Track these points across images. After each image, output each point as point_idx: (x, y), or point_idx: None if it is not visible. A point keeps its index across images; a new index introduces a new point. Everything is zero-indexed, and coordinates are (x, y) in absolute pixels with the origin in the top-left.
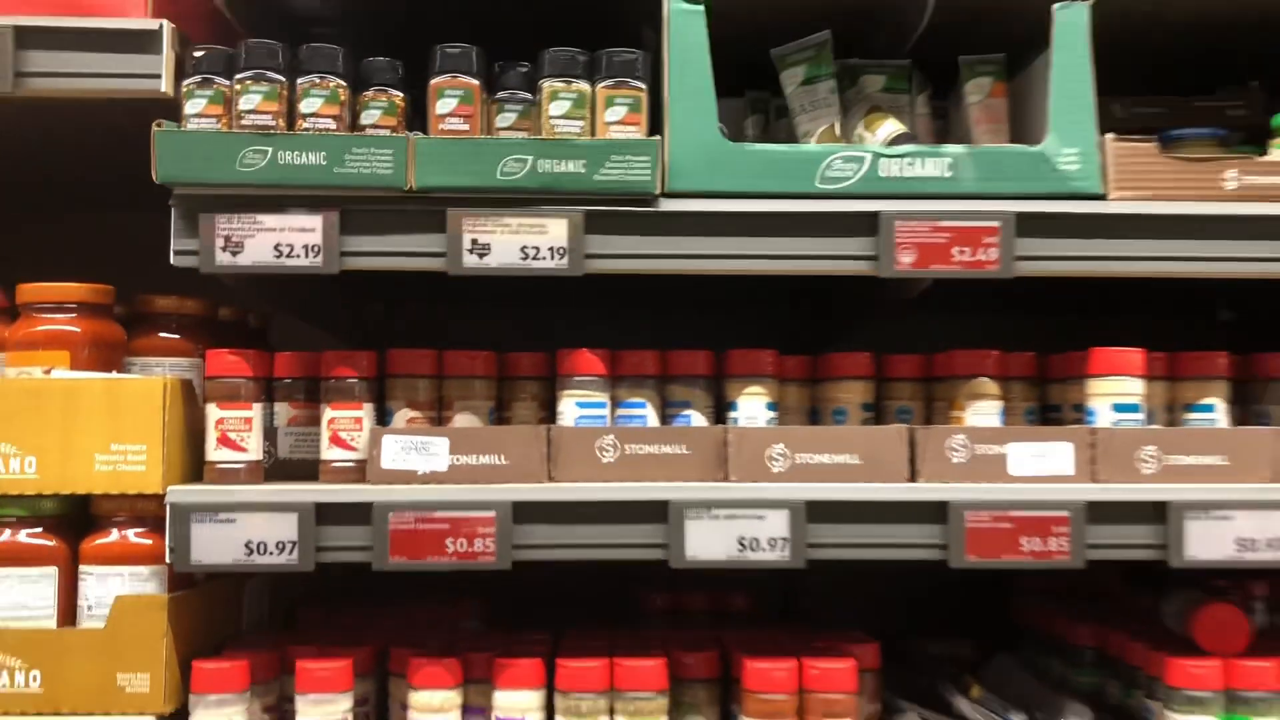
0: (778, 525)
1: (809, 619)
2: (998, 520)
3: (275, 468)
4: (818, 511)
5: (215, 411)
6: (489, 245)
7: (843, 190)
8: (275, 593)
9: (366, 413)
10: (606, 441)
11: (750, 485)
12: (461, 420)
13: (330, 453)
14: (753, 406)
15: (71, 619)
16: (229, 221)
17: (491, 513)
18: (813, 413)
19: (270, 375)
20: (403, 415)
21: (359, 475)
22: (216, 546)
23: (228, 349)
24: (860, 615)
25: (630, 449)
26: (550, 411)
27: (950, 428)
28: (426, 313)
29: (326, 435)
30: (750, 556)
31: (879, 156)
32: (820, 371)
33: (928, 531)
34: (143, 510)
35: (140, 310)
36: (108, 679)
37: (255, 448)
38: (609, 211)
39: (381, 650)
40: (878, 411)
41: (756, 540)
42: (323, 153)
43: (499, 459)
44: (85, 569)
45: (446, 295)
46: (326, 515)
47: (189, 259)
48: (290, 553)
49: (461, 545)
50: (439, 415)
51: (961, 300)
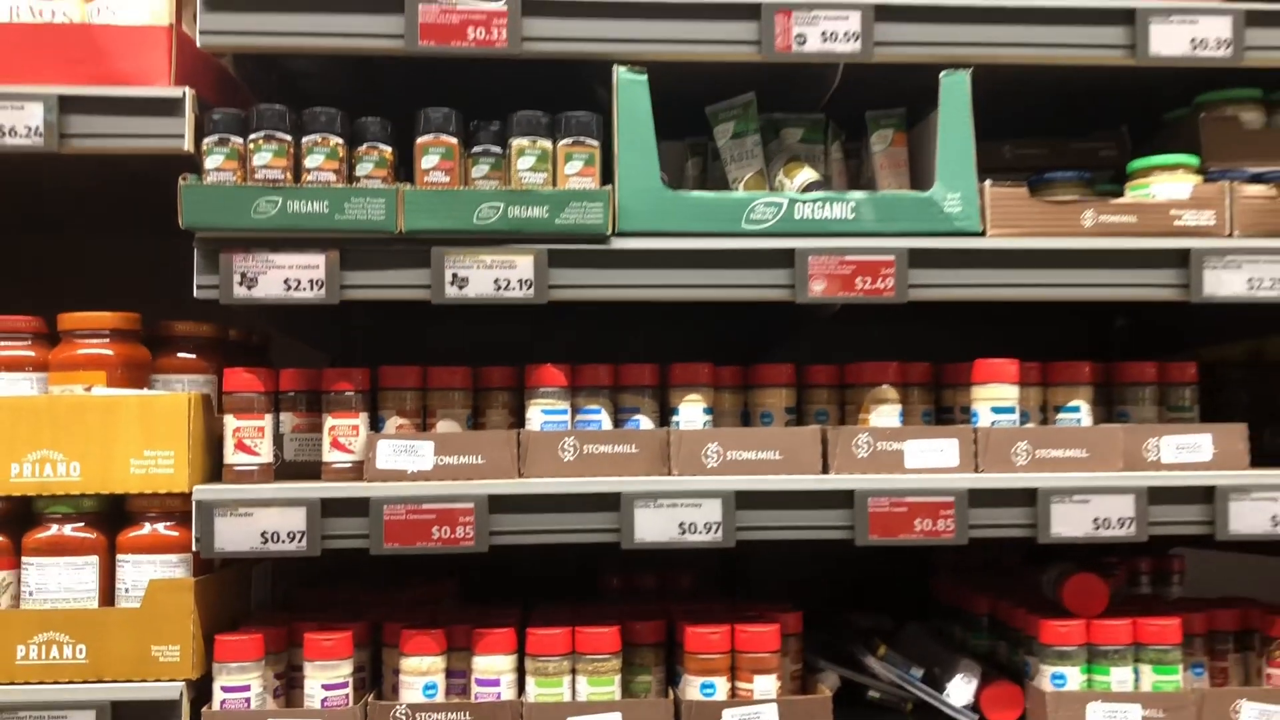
0: (712, 512)
1: (752, 596)
2: (895, 505)
3: (282, 469)
4: (745, 500)
5: (233, 421)
6: (467, 279)
7: (765, 230)
8: (276, 576)
9: (362, 421)
10: (567, 443)
11: (689, 478)
12: (444, 426)
13: (331, 455)
14: (692, 411)
15: (110, 600)
16: (245, 260)
17: (471, 504)
18: (744, 415)
19: (277, 389)
20: (393, 422)
21: (356, 475)
22: (236, 536)
23: (242, 368)
24: (798, 594)
25: (588, 449)
26: (520, 418)
27: (856, 428)
28: (410, 330)
29: (328, 440)
30: (689, 538)
31: (794, 201)
32: (750, 380)
33: (837, 515)
34: (171, 507)
35: (161, 334)
36: (144, 650)
37: (267, 452)
38: (568, 250)
39: (376, 625)
40: (800, 414)
41: (694, 525)
42: (325, 202)
43: (477, 459)
44: (122, 557)
45: (428, 315)
46: (330, 509)
47: (210, 292)
48: (300, 541)
49: (446, 532)
50: (424, 422)
51: (887, 311)
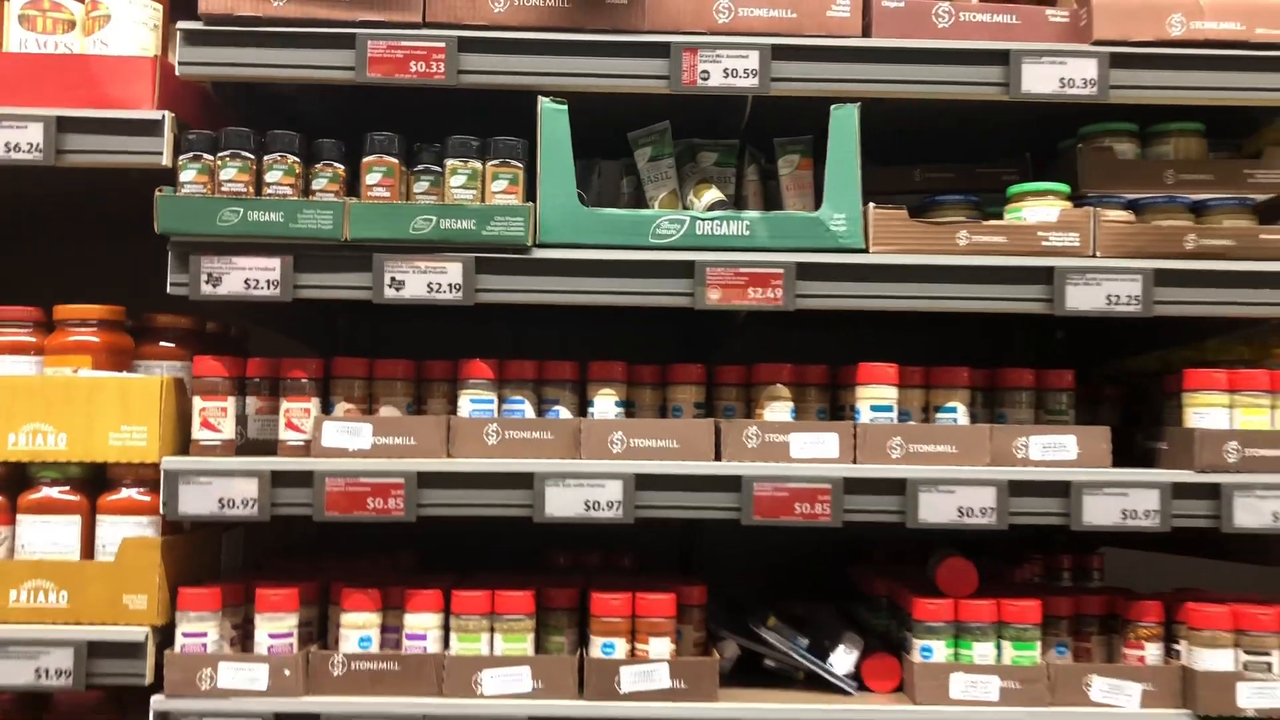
0: (615, 492)
1: (709, 580)
2: (778, 490)
3: (246, 445)
4: (645, 482)
5: (200, 402)
6: (404, 281)
7: (669, 244)
8: (248, 545)
9: (314, 405)
10: (491, 429)
11: (596, 462)
12: (386, 412)
13: (285, 434)
14: (605, 404)
15: (90, 554)
16: (210, 262)
17: (401, 480)
18: (662, 410)
19: (244, 375)
20: (342, 407)
21: (306, 452)
22: (198, 502)
23: (210, 355)
24: (754, 580)
25: (509, 434)
26: (456, 406)
27: (746, 421)
28: (379, 325)
29: (283, 421)
30: (594, 515)
31: (695, 219)
32: (667, 378)
33: (727, 498)
34: (144, 475)
35: (145, 325)
36: (116, 598)
37: (229, 430)
38: (494, 258)
39: (323, 585)
40: (709, 409)
41: (599, 503)
42: (281, 212)
43: (410, 440)
44: (101, 518)
45: (394, 314)
46: (279, 480)
47: (181, 289)
48: (252, 507)
49: (379, 503)
50: (370, 408)
51: (821, 317)
